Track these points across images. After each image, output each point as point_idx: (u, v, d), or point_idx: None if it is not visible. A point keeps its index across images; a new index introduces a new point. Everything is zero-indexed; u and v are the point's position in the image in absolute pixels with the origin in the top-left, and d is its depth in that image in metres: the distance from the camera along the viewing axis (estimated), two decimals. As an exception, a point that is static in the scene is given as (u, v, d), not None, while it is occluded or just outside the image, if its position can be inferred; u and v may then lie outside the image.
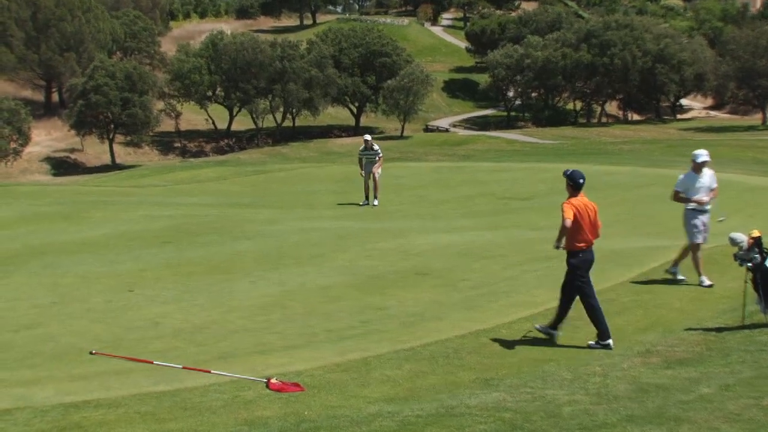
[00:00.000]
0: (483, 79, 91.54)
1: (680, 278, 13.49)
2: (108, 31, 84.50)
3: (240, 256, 17.66)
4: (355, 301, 13.04)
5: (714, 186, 13.52)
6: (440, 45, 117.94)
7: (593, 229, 10.30)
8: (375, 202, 27.59)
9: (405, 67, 78.23)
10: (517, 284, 13.70)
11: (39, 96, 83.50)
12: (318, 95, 76.26)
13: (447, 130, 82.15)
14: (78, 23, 78.73)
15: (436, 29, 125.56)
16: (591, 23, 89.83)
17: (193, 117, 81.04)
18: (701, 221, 13.36)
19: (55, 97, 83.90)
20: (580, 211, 10.12)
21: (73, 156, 71.54)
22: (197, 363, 9.61)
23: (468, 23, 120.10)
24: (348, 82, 79.81)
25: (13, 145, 63.32)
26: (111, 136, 69.54)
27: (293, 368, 9.41)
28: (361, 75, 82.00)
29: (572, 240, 10.18)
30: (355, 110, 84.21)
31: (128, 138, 71.20)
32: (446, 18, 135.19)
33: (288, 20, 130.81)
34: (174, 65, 77.22)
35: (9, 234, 22.38)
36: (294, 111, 78.96)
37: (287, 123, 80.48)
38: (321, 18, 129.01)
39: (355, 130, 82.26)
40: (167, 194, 33.86)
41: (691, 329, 10.82)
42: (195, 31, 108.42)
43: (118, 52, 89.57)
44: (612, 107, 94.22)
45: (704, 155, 13.37)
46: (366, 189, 27.71)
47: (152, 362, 9.66)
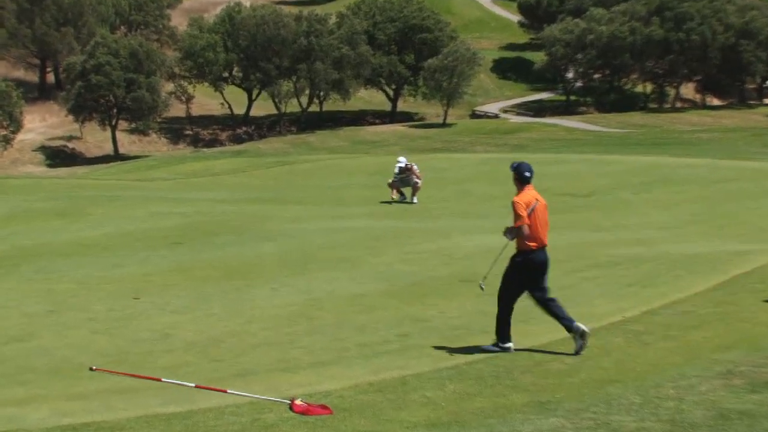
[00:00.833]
0: (538, 58, 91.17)
1: None
2: (110, 3, 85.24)
3: (260, 260, 17.73)
4: (392, 312, 13.04)
5: None
6: (489, 18, 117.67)
7: (546, 228, 10.61)
8: (414, 200, 27.66)
9: (449, 44, 78.14)
10: (576, 294, 13.63)
11: (33, 76, 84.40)
12: (349, 76, 76.40)
13: (496, 117, 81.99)
14: (77, -6, 79.48)
15: (485, 0, 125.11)
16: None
17: (207, 101, 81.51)
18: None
19: (51, 78, 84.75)
20: (534, 209, 10.42)
21: (71, 145, 72.19)
22: (212, 381, 9.67)
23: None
24: (383, 61, 79.84)
25: (3, 132, 64.01)
26: (114, 123, 70.09)
27: (321, 388, 9.43)
28: (399, 53, 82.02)
29: (523, 239, 10.44)
30: (392, 93, 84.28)
31: (133, 125, 71.84)
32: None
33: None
34: (185, 42, 77.73)
35: (-2, 233, 22.67)
36: (321, 94, 79.21)
37: (313, 108, 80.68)
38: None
39: (391, 116, 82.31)
40: (177, 189, 34.13)
41: (781, 347, 10.70)
42: (209, 3, 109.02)
43: (122, 27, 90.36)
44: (688, 90, 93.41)
45: None
46: (395, 188, 28.01)
47: (161, 380, 9.74)
